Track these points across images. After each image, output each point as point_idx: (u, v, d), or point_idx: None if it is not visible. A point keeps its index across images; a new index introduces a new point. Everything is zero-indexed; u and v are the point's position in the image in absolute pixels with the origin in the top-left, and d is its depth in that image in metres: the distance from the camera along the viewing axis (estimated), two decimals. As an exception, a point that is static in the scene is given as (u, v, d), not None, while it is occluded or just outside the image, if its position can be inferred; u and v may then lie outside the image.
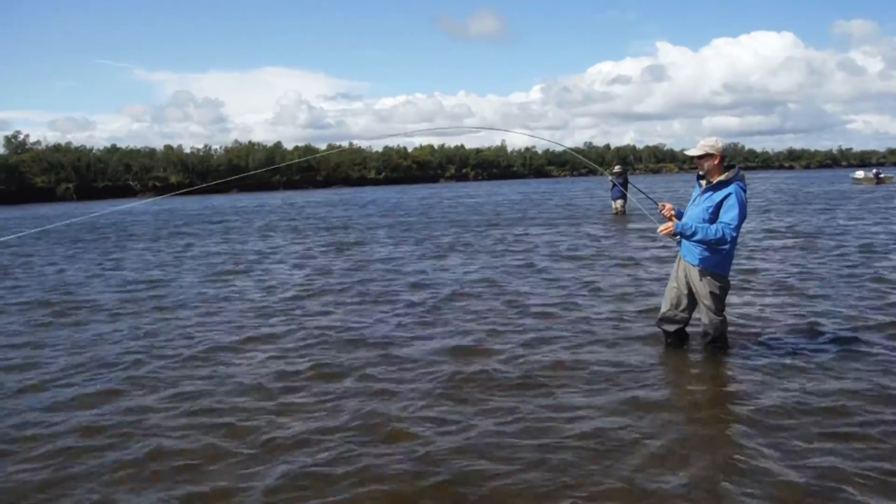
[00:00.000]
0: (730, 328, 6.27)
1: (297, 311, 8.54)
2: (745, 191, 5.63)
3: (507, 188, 65.71)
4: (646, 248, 13.70)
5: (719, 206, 5.57)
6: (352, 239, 18.34)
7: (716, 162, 5.65)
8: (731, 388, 5.32)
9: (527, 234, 17.93)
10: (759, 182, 56.40)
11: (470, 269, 11.63)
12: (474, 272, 11.30)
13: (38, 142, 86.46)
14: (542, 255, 13.35)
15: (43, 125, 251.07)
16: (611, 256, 12.72)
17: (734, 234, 5.48)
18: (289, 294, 9.82)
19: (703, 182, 5.81)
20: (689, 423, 4.65)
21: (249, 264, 13.47)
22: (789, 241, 14.24)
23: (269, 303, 9.17)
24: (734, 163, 5.77)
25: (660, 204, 6.14)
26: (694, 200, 5.88)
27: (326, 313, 8.40)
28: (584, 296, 8.95)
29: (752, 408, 4.83)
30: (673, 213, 5.98)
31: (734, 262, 6.06)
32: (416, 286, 10.08)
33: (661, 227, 5.78)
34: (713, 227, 5.53)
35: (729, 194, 5.54)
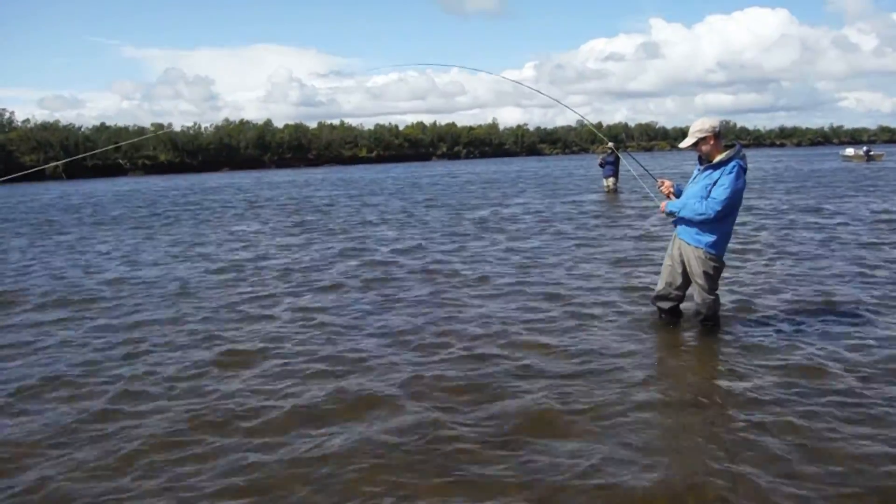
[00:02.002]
0: (723, 306, 6.34)
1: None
2: (745, 170, 5.63)
3: (495, 166, 65.55)
4: (638, 227, 13.74)
5: (717, 182, 5.59)
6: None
7: (711, 142, 5.64)
8: (720, 366, 5.37)
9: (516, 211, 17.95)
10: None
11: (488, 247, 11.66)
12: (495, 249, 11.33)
13: (27, 120, 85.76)
14: (533, 231, 13.38)
15: (32, 103, 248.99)
16: (601, 233, 12.77)
17: (717, 209, 5.50)
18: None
19: (704, 162, 5.79)
20: (677, 401, 4.70)
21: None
22: (784, 220, 14.31)
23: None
24: (734, 142, 5.73)
25: (659, 181, 6.16)
26: (694, 178, 5.88)
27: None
28: (575, 274, 9.00)
29: (743, 386, 4.88)
30: (672, 190, 6.01)
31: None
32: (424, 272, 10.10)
33: (661, 206, 5.87)
34: (699, 202, 5.58)
35: (726, 171, 5.56)
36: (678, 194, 6.01)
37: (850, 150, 51.56)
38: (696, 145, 5.67)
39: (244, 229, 16.26)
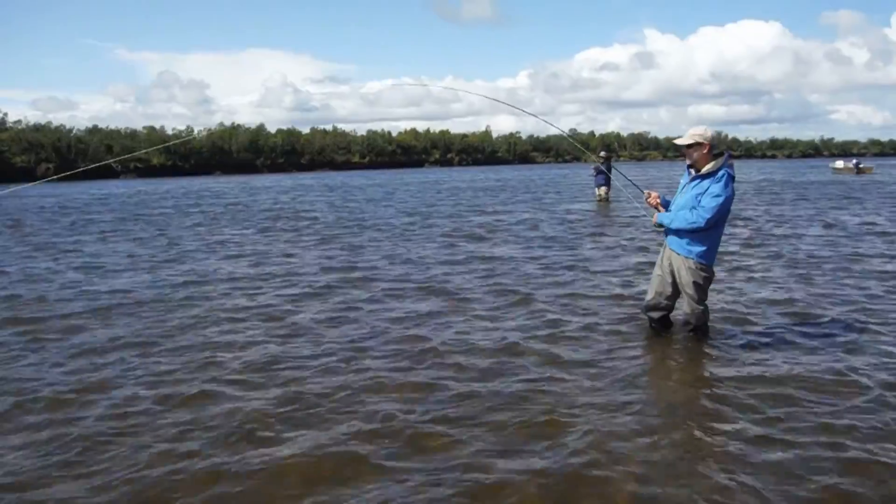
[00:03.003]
0: (711, 316, 6.38)
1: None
2: (733, 178, 5.69)
3: (484, 174, 65.62)
4: (630, 237, 13.79)
5: (707, 192, 5.64)
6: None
7: (704, 151, 5.70)
8: (708, 376, 5.40)
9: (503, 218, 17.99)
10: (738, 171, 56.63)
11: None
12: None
13: (19, 121, 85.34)
14: (530, 242, 13.41)
15: (25, 104, 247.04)
16: (590, 242, 12.81)
17: (707, 217, 5.55)
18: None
19: (693, 170, 5.86)
20: (664, 410, 4.73)
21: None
22: (775, 231, 14.39)
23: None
24: (723, 150, 5.80)
25: (646, 192, 6.21)
26: (682, 189, 5.94)
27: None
28: (564, 281, 9.03)
29: (731, 396, 4.92)
30: (658, 201, 6.05)
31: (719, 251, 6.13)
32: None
33: (653, 219, 5.93)
34: (689, 212, 5.64)
35: (715, 181, 5.62)
36: (665, 205, 6.06)
37: (839, 163, 51.94)
38: (690, 147, 5.73)
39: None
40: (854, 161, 50.84)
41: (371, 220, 18.73)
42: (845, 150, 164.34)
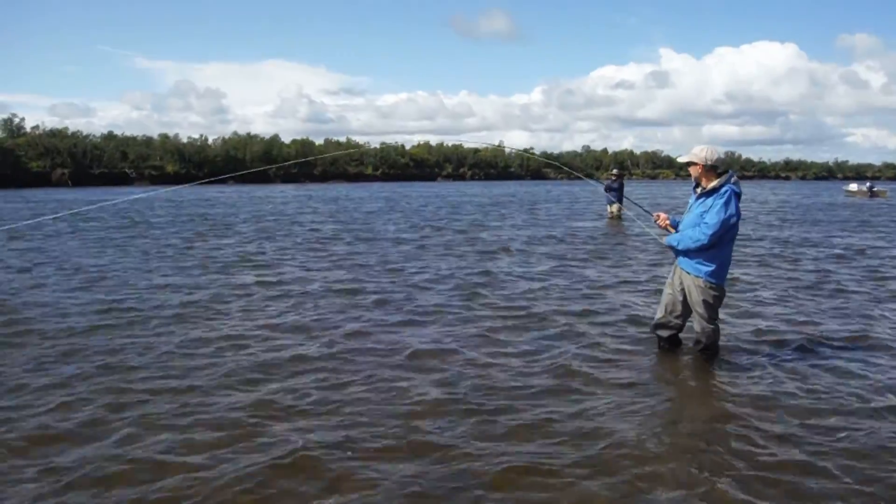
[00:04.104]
0: (722, 336, 6.36)
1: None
2: (738, 195, 5.70)
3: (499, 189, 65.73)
4: (640, 255, 13.76)
5: (710, 209, 5.67)
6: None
7: (699, 170, 5.77)
8: (718, 396, 5.38)
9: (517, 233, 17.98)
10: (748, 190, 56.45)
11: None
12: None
13: (37, 126, 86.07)
14: (538, 256, 13.40)
15: (43, 110, 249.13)
16: (603, 260, 12.79)
17: (709, 233, 5.57)
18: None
19: (699, 189, 5.88)
20: (673, 431, 4.72)
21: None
22: (787, 252, 14.33)
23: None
24: (729, 169, 5.86)
25: (654, 214, 6.23)
26: (690, 208, 5.96)
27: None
28: (577, 300, 9.01)
29: (741, 417, 4.90)
30: (668, 222, 6.08)
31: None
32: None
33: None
34: (692, 229, 5.67)
35: (718, 197, 5.64)
36: (675, 226, 6.07)
37: (853, 186, 51.61)
38: (689, 165, 5.83)
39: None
40: (868, 184, 50.43)
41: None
42: (860, 172, 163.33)
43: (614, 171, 22.84)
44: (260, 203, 36.30)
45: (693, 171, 5.81)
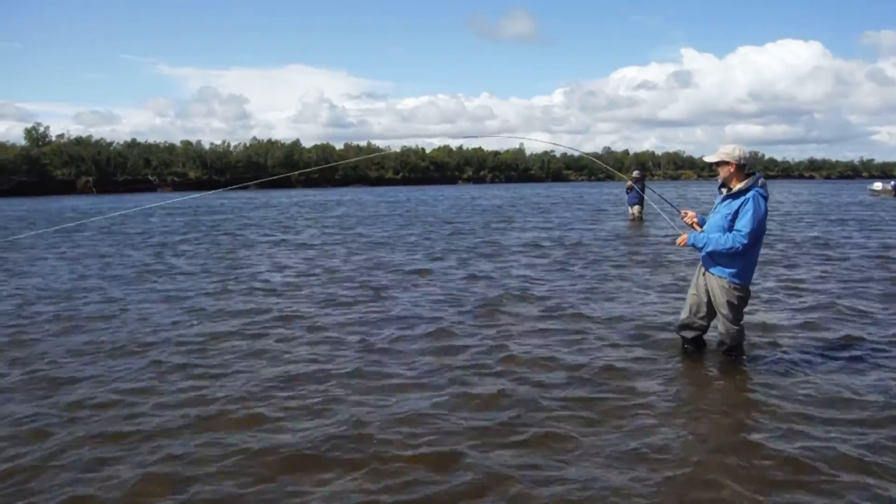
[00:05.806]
0: (747, 337, 6.25)
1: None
2: (765, 198, 5.59)
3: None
4: (662, 256, 13.63)
5: (737, 213, 5.55)
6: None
7: (731, 170, 5.63)
8: (743, 397, 5.29)
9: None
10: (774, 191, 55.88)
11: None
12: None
13: (62, 134, 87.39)
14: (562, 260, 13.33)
15: (68, 118, 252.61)
16: (628, 261, 12.68)
17: (745, 241, 5.45)
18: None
19: (724, 190, 5.79)
20: (699, 433, 4.64)
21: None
22: (812, 251, 14.12)
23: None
24: (755, 170, 5.74)
25: (682, 211, 6.17)
26: (715, 208, 5.87)
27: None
28: (599, 301, 8.93)
29: (767, 418, 4.81)
30: (696, 220, 6.01)
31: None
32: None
33: (679, 240, 5.83)
34: (725, 236, 5.53)
35: (746, 201, 5.53)
36: (702, 224, 6.00)
37: (878, 185, 50.71)
38: (718, 164, 5.69)
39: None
40: (893, 183, 49.46)
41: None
42: (885, 171, 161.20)
43: (635, 173, 22.66)
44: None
45: (723, 171, 5.67)
